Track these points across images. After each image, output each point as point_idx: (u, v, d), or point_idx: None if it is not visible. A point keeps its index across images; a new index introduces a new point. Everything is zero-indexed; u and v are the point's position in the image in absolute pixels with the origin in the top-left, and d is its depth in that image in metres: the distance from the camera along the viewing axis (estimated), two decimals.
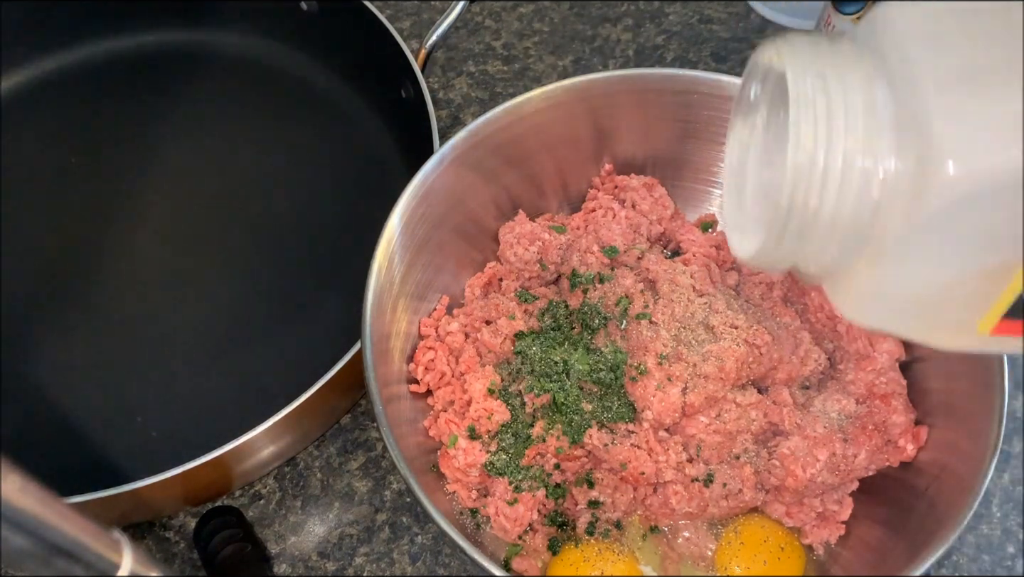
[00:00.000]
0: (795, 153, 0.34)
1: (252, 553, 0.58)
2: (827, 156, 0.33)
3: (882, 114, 0.33)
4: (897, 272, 0.35)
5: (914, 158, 0.32)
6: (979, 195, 0.32)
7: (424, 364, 0.57)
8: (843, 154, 0.33)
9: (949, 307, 0.36)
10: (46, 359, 0.68)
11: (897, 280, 0.35)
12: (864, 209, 0.34)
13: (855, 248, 0.35)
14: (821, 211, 0.34)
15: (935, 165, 0.32)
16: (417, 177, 0.56)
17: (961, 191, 0.32)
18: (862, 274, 0.36)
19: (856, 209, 0.34)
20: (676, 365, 0.54)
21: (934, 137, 0.32)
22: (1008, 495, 0.62)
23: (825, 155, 0.33)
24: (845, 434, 0.53)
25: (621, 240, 0.60)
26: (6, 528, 0.30)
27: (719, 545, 0.54)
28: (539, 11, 0.85)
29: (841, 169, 0.33)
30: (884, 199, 0.33)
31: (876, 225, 0.34)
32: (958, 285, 0.35)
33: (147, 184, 0.75)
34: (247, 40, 0.82)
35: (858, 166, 0.33)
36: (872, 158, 0.33)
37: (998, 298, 0.35)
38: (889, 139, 0.33)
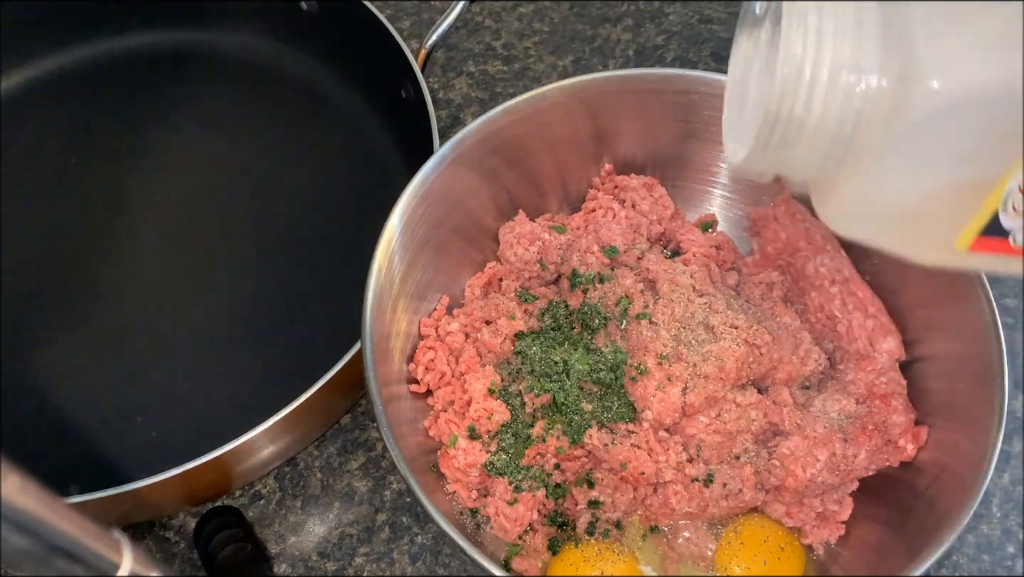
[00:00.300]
0: (784, 63, 0.35)
1: (252, 553, 0.58)
2: (814, 67, 0.35)
3: (870, 30, 0.34)
4: (878, 183, 0.36)
5: (897, 72, 0.34)
6: (956, 110, 0.33)
7: (424, 364, 0.57)
8: (829, 66, 0.34)
9: (929, 221, 0.37)
10: (46, 359, 0.68)
11: (878, 191, 0.36)
12: (847, 119, 0.35)
13: (839, 158, 0.36)
14: (807, 119, 0.35)
15: (915, 79, 0.33)
16: (417, 177, 0.56)
17: (938, 105, 0.33)
18: (845, 184, 0.37)
19: (840, 119, 0.35)
20: (676, 365, 0.54)
21: (916, 51, 0.33)
22: (1008, 495, 0.62)
23: (812, 66, 0.35)
24: (845, 434, 0.53)
25: (621, 240, 0.60)
26: (6, 528, 0.30)
27: (719, 545, 0.54)
28: (539, 11, 0.85)
29: (827, 80, 0.35)
30: (866, 110, 0.35)
31: (858, 136, 0.35)
32: (937, 199, 0.36)
33: (147, 184, 0.75)
34: (247, 40, 0.82)
35: (843, 78, 0.34)
36: (857, 70, 0.34)
37: (975, 214, 0.36)
38: (875, 54, 0.34)
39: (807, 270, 0.59)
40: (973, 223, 0.36)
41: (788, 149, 0.37)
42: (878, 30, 0.34)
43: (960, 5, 0.33)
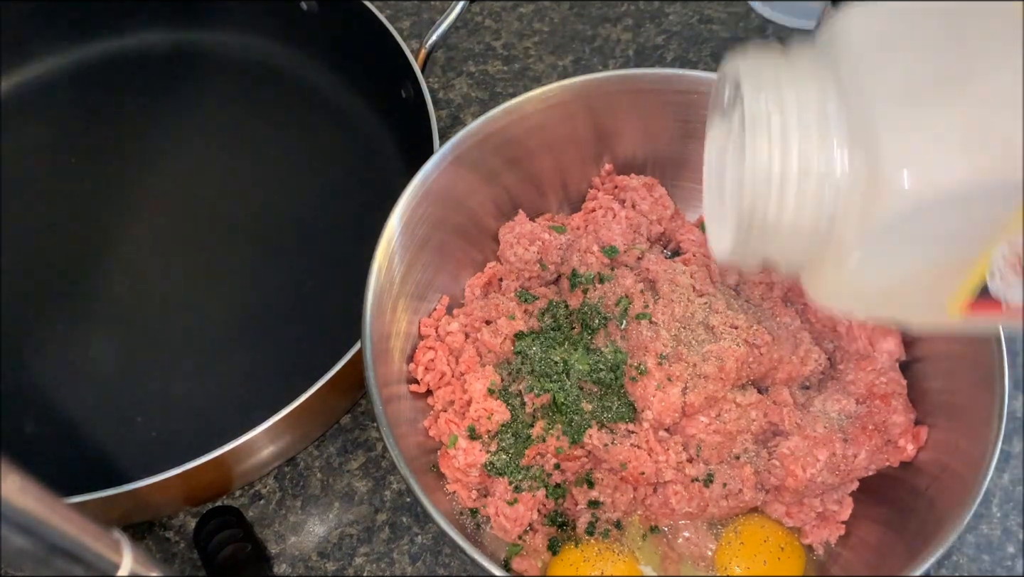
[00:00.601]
0: (751, 166, 0.35)
1: (252, 553, 0.58)
2: (782, 168, 0.34)
3: (835, 126, 0.34)
4: (859, 269, 0.36)
5: (865, 169, 0.33)
6: (927, 205, 0.32)
7: (424, 364, 0.57)
8: (797, 166, 0.34)
9: (917, 295, 0.37)
10: (46, 359, 0.68)
11: (860, 275, 0.36)
12: (822, 217, 0.35)
13: (819, 248, 0.36)
14: (780, 221, 0.35)
15: (883, 177, 0.33)
16: (417, 177, 0.56)
17: (909, 202, 0.32)
18: (829, 270, 0.37)
19: (814, 217, 0.35)
20: (676, 365, 0.54)
21: (881, 149, 0.33)
22: (1008, 495, 0.62)
23: (780, 167, 0.34)
24: (845, 434, 0.53)
25: (621, 240, 0.60)
26: (6, 528, 0.30)
27: (719, 545, 0.54)
28: (539, 11, 0.85)
29: (796, 180, 0.34)
30: (839, 208, 0.34)
31: (834, 231, 0.35)
32: (921, 277, 0.36)
33: (147, 184, 0.75)
34: (247, 40, 0.82)
35: (812, 177, 0.34)
36: (825, 169, 0.34)
37: (963, 284, 0.36)
38: (842, 150, 0.34)
39: None
40: (961, 292, 0.36)
41: (767, 245, 0.37)
42: (843, 129, 0.34)
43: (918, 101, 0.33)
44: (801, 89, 0.35)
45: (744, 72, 0.37)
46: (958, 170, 0.32)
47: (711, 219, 0.43)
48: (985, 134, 0.32)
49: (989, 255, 0.34)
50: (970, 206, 0.33)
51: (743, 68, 0.37)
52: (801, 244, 0.36)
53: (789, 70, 0.36)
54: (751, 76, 0.36)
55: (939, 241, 0.34)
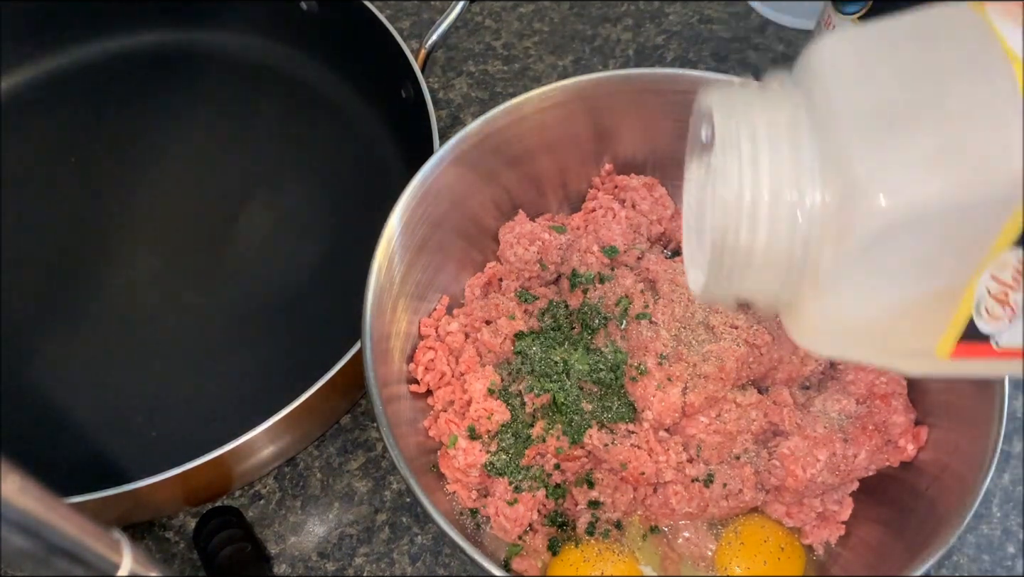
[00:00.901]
0: (721, 193, 0.34)
1: (252, 553, 0.58)
2: (753, 197, 0.34)
3: (807, 154, 0.34)
4: (838, 302, 0.35)
5: (837, 196, 0.33)
6: (900, 230, 0.32)
7: (424, 364, 0.57)
8: (768, 195, 0.34)
9: (901, 334, 0.36)
10: (46, 359, 0.68)
11: (840, 309, 0.36)
12: (795, 246, 0.34)
13: (795, 281, 0.35)
14: (753, 248, 0.35)
15: (855, 203, 0.32)
16: (417, 177, 0.56)
17: (881, 227, 0.32)
18: (807, 305, 0.36)
19: (788, 245, 0.34)
20: (676, 365, 0.54)
21: (853, 175, 0.32)
22: (1008, 495, 0.62)
23: (751, 196, 0.34)
24: (845, 434, 0.53)
25: (621, 240, 0.60)
26: (6, 528, 0.30)
27: (719, 545, 0.54)
28: (539, 11, 0.85)
29: (768, 209, 0.34)
30: (813, 236, 0.34)
31: (809, 261, 0.34)
32: (904, 312, 0.35)
33: (147, 184, 0.75)
34: (247, 40, 0.82)
35: (785, 206, 0.34)
36: (798, 197, 0.34)
37: (949, 323, 0.35)
38: (814, 178, 0.33)
39: None
40: (950, 331, 0.35)
41: (741, 278, 0.36)
42: (816, 152, 0.34)
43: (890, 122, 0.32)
44: (773, 115, 0.35)
45: (715, 101, 0.36)
46: (933, 188, 0.31)
47: (689, 260, 0.42)
48: (959, 151, 0.31)
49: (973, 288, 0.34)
50: (947, 227, 0.32)
51: (714, 98, 0.36)
52: (775, 276, 0.36)
53: (761, 98, 0.36)
54: (722, 105, 0.36)
55: (918, 267, 0.34)
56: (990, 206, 0.31)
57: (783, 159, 0.34)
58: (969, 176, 0.31)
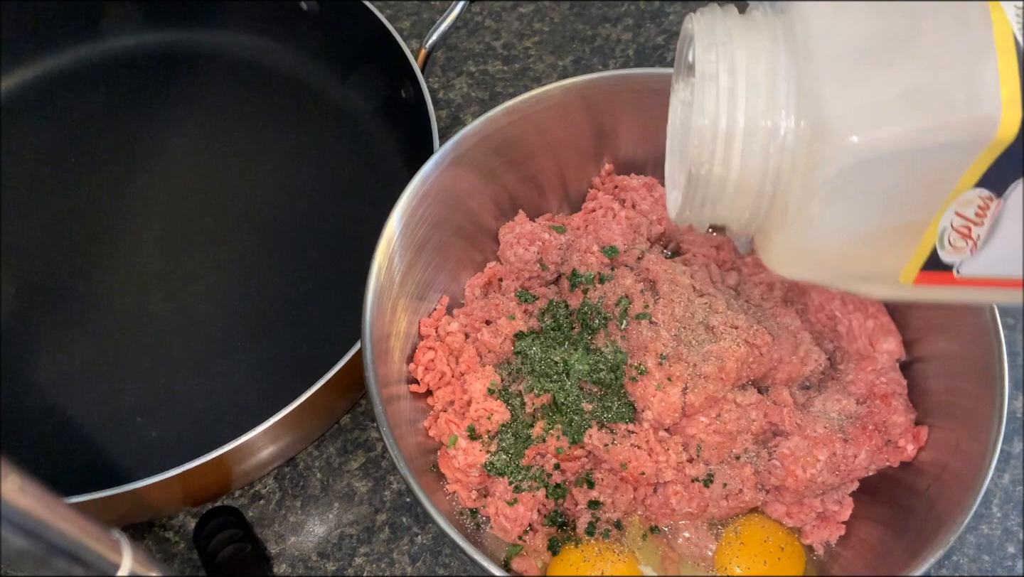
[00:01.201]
0: (698, 120, 0.35)
1: (252, 553, 0.58)
2: (728, 123, 0.34)
3: (783, 84, 0.34)
4: (806, 232, 0.36)
5: (809, 127, 0.33)
6: (867, 167, 0.32)
7: (424, 364, 0.57)
8: (743, 122, 0.34)
9: (867, 262, 0.37)
10: (46, 359, 0.68)
11: (808, 239, 0.36)
12: (768, 174, 0.35)
13: (766, 210, 0.36)
14: (726, 177, 0.35)
15: (826, 135, 0.33)
16: (417, 177, 0.56)
17: (849, 164, 0.32)
18: (777, 233, 0.37)
19: (759, 175, 0.35)
20: (676, 365, 0.54)
21: (825, 108, 0.33)
22: (1008, 495, 0.62)
23: (726, 123, 0.34)
24: (845, 434, 0.53)
25: (621, 240, 0.60)
26: (6, 528, 0.30)
27: (719, 545, 0.54)
28: (539, 11, 0.85)
29: (742, 136, 0.34)
30: (784, 165, 0.34)
31: (779, 192, 0.35)
32: (870, 242, 0.36)
33: (147, 184, 0.75)
34: (247, 40, 0.82)
35: (758, 133, 0.34)
36: (771, 126, 0.34)
37: (913, 252, 0.35)
38: (788, 108, 0.34)
39: None
40: (914, 260, 0.36)
41: (715, 204, 0.37)
42: (791, 87, 0.34)
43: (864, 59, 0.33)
44: (752, 47, 0.35)
45: (697, 28, 0.37)
46: (901, 127, 0.32)
47: (669, 181, 0.43)
48: (928, 93, 0.32)
49: (938, 221, 0.34)
50: (914, 166, 0.32)
51: (696, 24, 0.37)
52: (748, 203, 0.36)
53: (743, 28, 0.36)
54: (704, 32, 0.36)
55: (884, 203, 0.34)
56: (955, 148, 0.32)
57: (759, 91, 0.34)
58: (937, 118, 0.31)
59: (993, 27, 0.31)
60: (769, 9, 0.36)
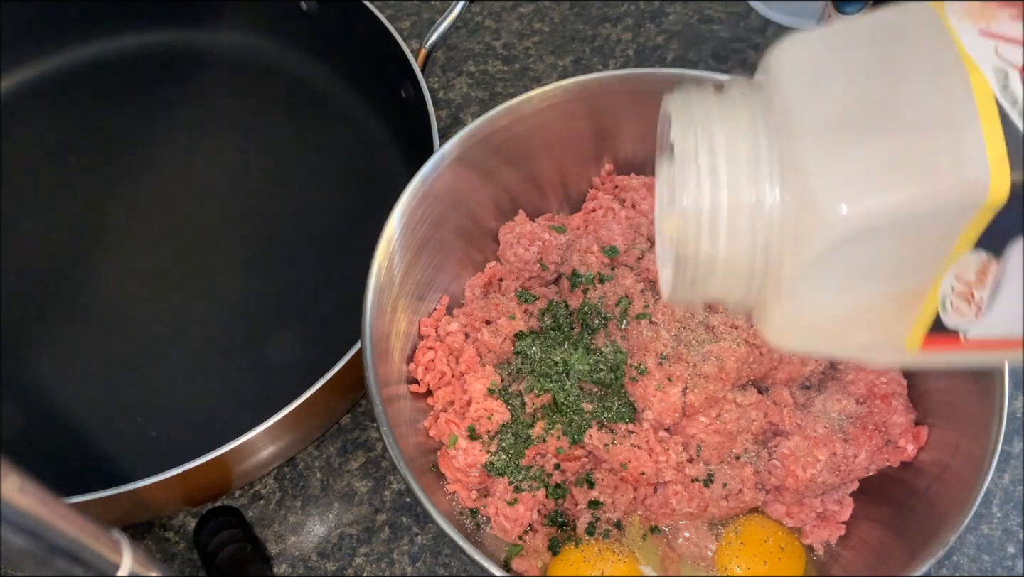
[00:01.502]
0: (680, 202, 0.34)
1: (252, 553, 0.58)
2: (711, 203, 0.34)
3: (766, 160, 0.34)
4: (801, 306, 0.35)
5: (795, 202, 0.33)
6: (857, 239, 0.32)
7: (424, 364, 0.57)
8: (727, 200, 0.34)
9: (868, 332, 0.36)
10: (46, 359, 0.68)
11: (804, 312, 0.36)
12: (756, 252, 0.34)
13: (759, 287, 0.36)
14: (715, 257, 0.35)
15: (812, 208, 0.32)
16: (417, 177, 0.56)
17: (838, 237, 0.32)
18: (772, 308, 0.36)
19: (748, 255, 0.34)
20: (676, 365, 0.54)
21: (810, 181, 0.32)
22: (1008, 495, 0.62)
23: (710, 202, 0.34)
24: (845, 434, 0.53)
25: (621, 240, 0.60)
26: (6, 528, 0.30)
27: (719, 545, 0.54)
28: (539, 11, 0.85)
29: (726, 214, 0.34)
30: (773, 245, 0.34)
31: (771, 268, 0.34)
32: (868, 312, 0.35)
33: (147, 184, 0.75)
34: (247, 40, 0.82)
35: (743, 211, 0.34)
36: (756, 203, 0.33)
37: (915, 320, 0.35)
38: (773, 188, 0.33)
39: None
40: (917, 327, 0.35)
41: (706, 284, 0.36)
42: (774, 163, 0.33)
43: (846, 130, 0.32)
44: (732, 123, 0.34)
45: (674, 108, 0.36)
46: (888, 198, 0.31)
47: (660, 260, 0.42)
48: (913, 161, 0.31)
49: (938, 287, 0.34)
50: (906, 234, 0.32)
51: (673, 105, 0.36)
52: (740, 281, 0.36)
53: (720, 105, 0.35)
54: (681, 112, 0.36)
55: (879, 273, 0.34)
56: (947, 214, 0.31)
57: (741, 169, 0.34)
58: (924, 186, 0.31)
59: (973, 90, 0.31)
60: (746, 86, 0.36)
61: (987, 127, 0.30)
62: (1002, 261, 0.32)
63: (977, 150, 0.30)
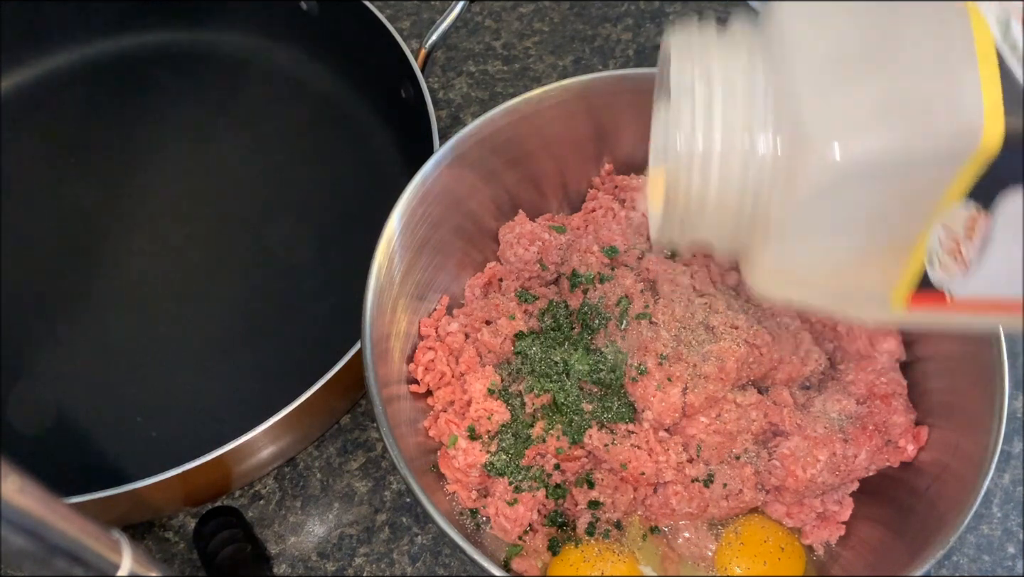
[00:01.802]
0: (674, 138, 0.34)
1: (252, 553, 0.58)
2: (705, 138, 0.33)
3: (761, 97, 0.33)
4: (789, 252, 0.35)
5: (788, 143, 0.33)
6: (848, 182, 0.31)
7: (424, 364, 0.57)
8: (720, 136, 0.33)
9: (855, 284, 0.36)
10: (46, 359, 0.68)
11: (791, 259, 0.35)
12: (747, 192, 0.34)
13: (747, 230, 0.35)
14: (705, 195, 0.34)
15: (805, 148, 0.32)
16: (417, 177, 0.56)
17: (830, 179, 0.31)
18: (760, 254, 0.36)
19: (738, 194, 0.34)
20: (676, 365, 0.54)
21: (803, 122, 0.32)
22: (1008, 495, 0.62)
23: (703, 137, 0.33)
24: (845, 434, 0.53)
25: (621, 240, 0.60)
26: (6, 528, 0.30)
27: (719, 545, 0.54)
28: (539, 11, 0.85)
29: (720, 154, 0.33)
30: (763, 185, 0.33)
31: (759, 210, 0.34)
32: (855, 263, 0.35)
33: (146, 184, 0.75)
34: (247, 40, 0.82)
35: (736, 148, 0.33)
36: (749, 143, 0.33)
37: (902, 273, 0.34)
38: (767, 127, 0.33)
39: None
40: (904, 281, 0.34)
41: (695, 224, 0.36)
42: (769, 101, 0.33)
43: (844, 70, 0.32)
44: (730, 59, 0.34)
45: (674, 44, 0.36)
46: (881, 140, 0.31)
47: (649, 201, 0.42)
48: (909, 102, 0.31)
49: (925, 240, 0.33)
50: (896, 178, 0.32)
51: (673, 40, 0.36)
52: (728, 223, 0.35)
53: (720, 43, 0.35)
54: (680, 49, 0.35)
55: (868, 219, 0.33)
56: (939, 159, 0.31)
57: (737, 105, 0.33)
58: (916, 128, 0.31)
59: (973, 33, 0.31)
60: (748, 25, 0.36)
61: (985, 73, 0.30)
62: (992, 214, 0.32)
63: (973, 95, 0.30)
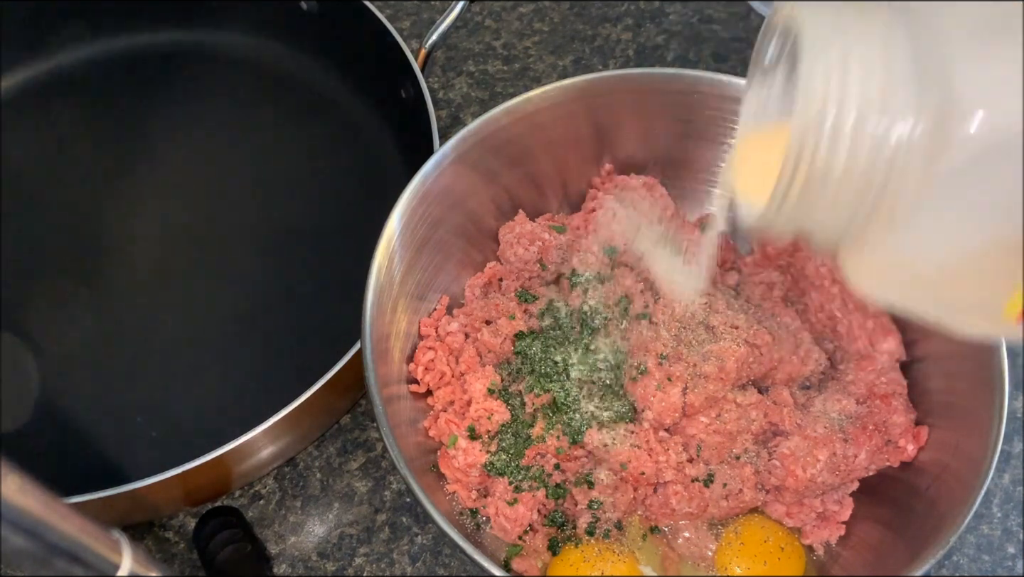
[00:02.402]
0: (805, 104, 0.31)
1: (252, 553, 0.58)
2: (839, 107, 0.31)
3: (902, 63, 0.31)
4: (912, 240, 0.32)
5: (935, 111, 0.30)
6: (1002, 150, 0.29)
7: (424, 364, 0.57)
8: (856, 105, 0.30)
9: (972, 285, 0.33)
10: (46, 359, 0.68)
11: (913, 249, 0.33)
12: (878, 167, 0.31)
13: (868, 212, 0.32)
14: (831, 167, 0.31)
15: (957, 116, 0.29)
16: (417, 177, 0.56)
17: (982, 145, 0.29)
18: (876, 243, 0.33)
19: (869, 165, 0.31)
20: (676, 365, 0.54)
21: (958, 86, 0.29)
22: (1008, 495, 0.62)
23: (837, 106, 0.31)
24: (845, 434, 0.53)
25: (621, 240, 0.60)
26: (6, 528, 0.30)
27: (719, 545, 0.54)
28: (539, 11, 0.85)
29: (854, 123, 0.31)
30: (900, 156, 0.31)
31: (891, 185, 0.31)
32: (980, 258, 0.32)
33: (147, 184, 0.75)
34: (247, 40, 0.82)
35: (872, 120, 0.30)
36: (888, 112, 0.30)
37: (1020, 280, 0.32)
38: (908, 92, 0.30)
39: (807, 270, 0.59)
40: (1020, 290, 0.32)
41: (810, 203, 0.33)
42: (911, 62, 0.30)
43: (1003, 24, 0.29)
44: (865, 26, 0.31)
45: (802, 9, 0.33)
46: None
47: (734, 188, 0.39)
48: None
49: None
50: None
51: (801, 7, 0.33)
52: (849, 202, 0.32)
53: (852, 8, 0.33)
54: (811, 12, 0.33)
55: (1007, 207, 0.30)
56: None
57: (875, 66, 0.30)
58: None
59: None
60: None
61: None
62: None
63: None
